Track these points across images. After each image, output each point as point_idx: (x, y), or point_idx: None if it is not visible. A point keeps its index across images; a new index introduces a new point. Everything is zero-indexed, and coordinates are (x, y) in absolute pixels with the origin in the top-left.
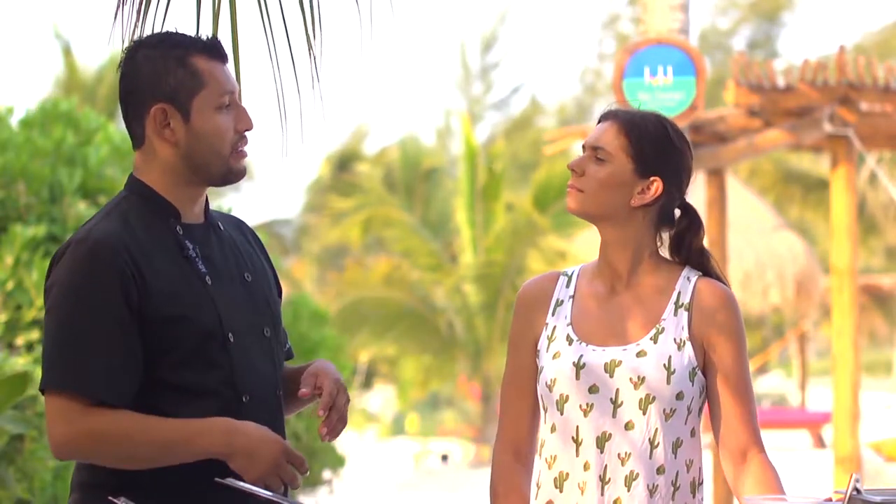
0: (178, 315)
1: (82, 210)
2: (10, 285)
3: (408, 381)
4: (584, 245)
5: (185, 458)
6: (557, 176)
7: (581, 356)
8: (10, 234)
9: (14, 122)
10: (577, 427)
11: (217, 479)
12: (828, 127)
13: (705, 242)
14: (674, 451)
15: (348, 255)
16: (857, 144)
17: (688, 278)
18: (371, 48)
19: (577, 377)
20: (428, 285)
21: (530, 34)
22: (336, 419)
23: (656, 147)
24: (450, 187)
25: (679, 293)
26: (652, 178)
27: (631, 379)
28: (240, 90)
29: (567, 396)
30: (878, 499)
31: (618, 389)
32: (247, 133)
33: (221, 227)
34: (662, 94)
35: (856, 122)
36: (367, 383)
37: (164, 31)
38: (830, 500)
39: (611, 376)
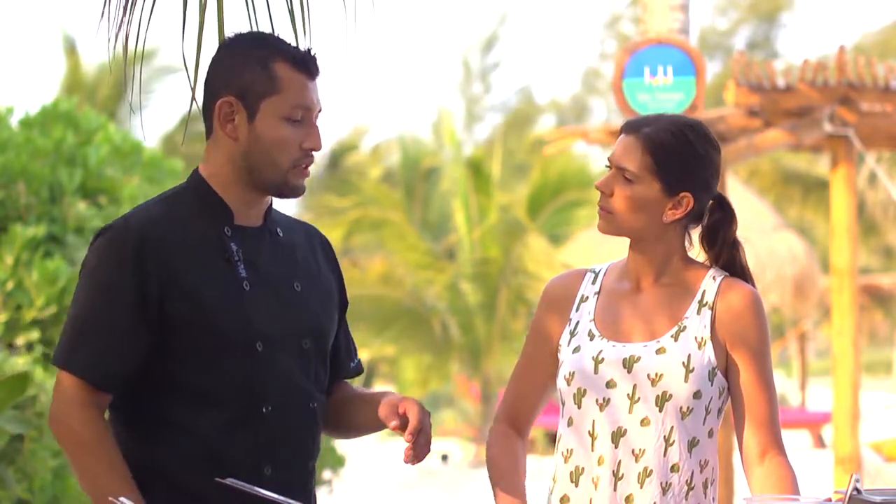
0: (201, 317)
1: (82, 210)
2: (10, 285)
3: (408, 381)
4: (579, 248)
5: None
6: (554, 176)
7: (600, 351)
8: (10, 234)
9: (14, 122)
10: (594, 421)
11: (217, 478)
12: (828, 127)
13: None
14: (689, 451)
15: (346, 255)
16: (857, 144)
17: (713, 278)
18: (356, 45)
19: (596, 371)
20: (426, 285)
21: (531, 35)
22: (423, 443)
23: (682, 163)
24: (448, 187)
25: (703, 292)
26: (682, 195)
27: (649, 375)
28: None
29: (584, 390)
30: (878, 499)
31: (635, 385)
32: (313, 153)
33: (280, 233)
34: (662, 94)
35: (856, 122)
36: (367, 383)
37: (266, 32)
38: (830, 500)
39: (629, 372)
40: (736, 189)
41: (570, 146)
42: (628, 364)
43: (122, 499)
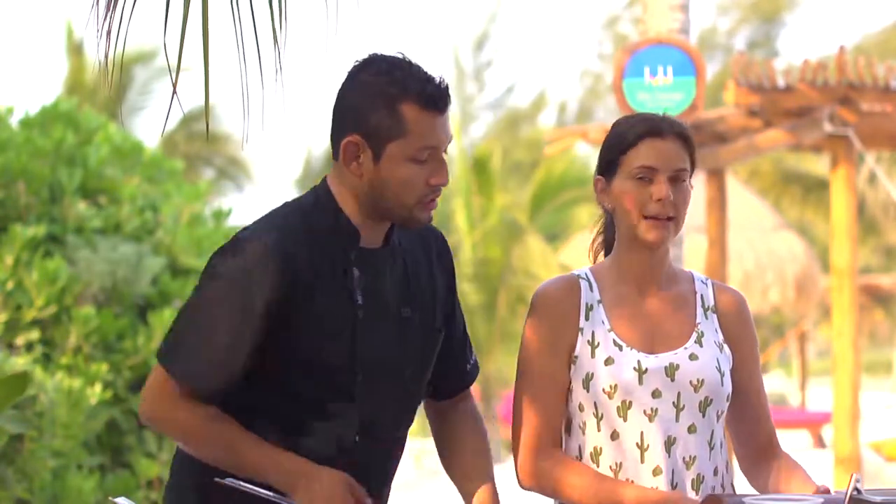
0: (314, 346)
1: (82, 210)
2: (10, 285)
3: None
4: (579, 248)
5: (251, 476)
6: (554, 177)
7: (639, 361)
8: (10, 234)
9: (14, 122)
10: (642, 433)
11: (217, 479)
12: (828, 127)
13: (705, 242)
14: (723, 453)
15: None
16: (857, 144)
17: (703, 282)
18: (337, 42)
19: (641, 383)
20: None
21: (527, 35)
22: None
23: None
24: (449, 186)
25: (702, 296)
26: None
27: (691, 382)
28: (446, 143)
29: (630, 403)
30: (878, 499)
31: (679, 393)
32: (440, 187)
33: (401, 250)
34: (662, 95)
35: (856, 122)
36: None
37: (396, 58)
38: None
39: (672, 380)
40: (736, 189)
41: (570, 146)
42: (670, 373)
43: (120, 499)
